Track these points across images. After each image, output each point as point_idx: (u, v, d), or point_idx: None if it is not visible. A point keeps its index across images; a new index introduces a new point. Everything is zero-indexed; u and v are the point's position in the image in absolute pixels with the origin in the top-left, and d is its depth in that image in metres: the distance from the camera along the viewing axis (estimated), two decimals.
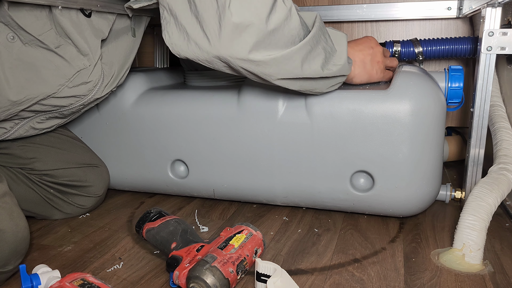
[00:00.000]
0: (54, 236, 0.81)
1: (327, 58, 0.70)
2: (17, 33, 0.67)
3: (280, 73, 0.67)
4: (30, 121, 0.78)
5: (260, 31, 0.61)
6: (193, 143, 0.89)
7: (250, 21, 0.60)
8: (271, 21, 0.61)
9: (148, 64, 1.46)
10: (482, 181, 0.75)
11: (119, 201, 0.99)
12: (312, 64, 0.68)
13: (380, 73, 0.82)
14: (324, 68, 0.70)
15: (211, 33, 0.62)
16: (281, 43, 0.64)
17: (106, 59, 0.79)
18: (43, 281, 0.61)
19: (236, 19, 0.59)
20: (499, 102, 0.89)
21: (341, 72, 0.73)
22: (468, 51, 1.07)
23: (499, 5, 0.77)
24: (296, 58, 0.65)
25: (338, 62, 0.72)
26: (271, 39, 0.62)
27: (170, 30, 0.65)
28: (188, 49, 0.65)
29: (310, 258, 0.71)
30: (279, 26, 0.62)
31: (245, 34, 0.61)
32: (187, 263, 0.61)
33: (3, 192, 0.65)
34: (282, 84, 0.70)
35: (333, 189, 0.82)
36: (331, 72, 0.71)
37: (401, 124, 0.74)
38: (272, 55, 0.64)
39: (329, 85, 0.75)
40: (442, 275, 0.65)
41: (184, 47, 0.65)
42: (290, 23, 0.63)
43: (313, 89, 0.74)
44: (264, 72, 0.66)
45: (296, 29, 0.64)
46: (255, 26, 0.60)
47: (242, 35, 0.61)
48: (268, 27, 0.61)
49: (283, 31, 0.63)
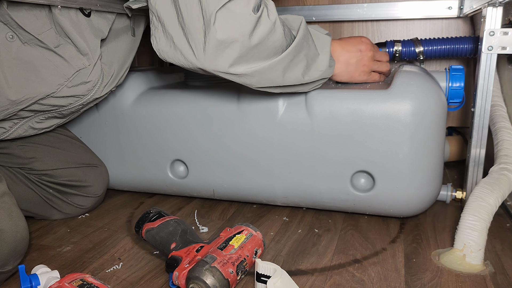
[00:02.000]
0: (53, 236, 0.81)
1: (309, 64, 0.72)
2: (16, 32, 0.67)
3: (262, 82, 0.69)
4: (29, 121, 0.78)
5: (243, 47, 0.63)
6: (192, 143, 0.89)
7: (234, 38, 0.62)
8: (254, 36, 0.63)
9: (148, 64, 1.46)
10: (483, 181, 0.75)
11: (118, 201, 0.99)
12: (293, 71, 0.70)
13: (364, 75, 0.82)
14: (305, 75, 0.72)
15: (196, 46, 0.63)
16: (264, 55, 0.65)
17: (106, 58, 0.79)
18: (42, 281, 0.61)
19: (221, 36, 0.61)
20: (500, 102, 0.89)
21: (322, 76, 0.75)
22: (469, 50, 1.07)
23: (500, 4, 0.77)
24: (278, 68, 0.68)
25: (320, 67, 0.74)
26: (253, 53, 0.64)
27: (157, 36, 0.68)
28: (174, 57, 0.67)
29: (310, 259, 0.71)
30: (262, 40, 0.64)
31: (228, 50, 0.63)
32: (186, 263, 0.61)
33: (2, 192, 0.64)
34: (263, 90, 0.72)
35: (333, 189, 0.82)
36: (312, 78, 0.73)
37: (401, 124, 0.74)
38: (254, 68, 0.66)
39: (311, 87, 0.77)
40: (443, 275, 0.65)
41: (171, 54, 0.67)
42: (274, 36, 0.65)
43: (295, 91, 0.77)
44: (245, 82, 0.68)
45: (280, 40, 0.66)
46: (238, 42, 0.62)
47: (225, 51, 0.63)
48: (251, 42, 0.63)
49: (266, 44, 0.65)
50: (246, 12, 0.61)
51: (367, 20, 1.23)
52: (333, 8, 1.22)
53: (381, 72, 0.85)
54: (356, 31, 1.25)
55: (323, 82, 0.78)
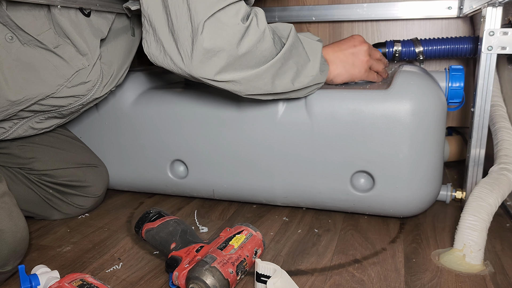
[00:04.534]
0: (53, 237, 0.81)
1: (298, 71, 0.72)
2: (15, 33, 0.67)
3: (250, 90, 0.69)
4: (29, 121, 0.78)
5: (230, 56, 0.63)
6: (192, 143, 0.89)
7: (221, 47, 0.62)
8: (242, 46, 0.63)
9: (148, 64, 1.46)
10: (482, 181, 0.75)
11: (118, 201, 0.99)
12: (283, 79, 0.70)
13: (364, 72, 0.82)
14: (295, 81, 0.72)
15: (184, 53, 0.64)
16: (252, 63, 0.66)
17: (105, 58, 0.79)
18: (42, 281, 0.61)
19: (207, 45, 0.62)
20: (499, 102, 0.89)
21: (313, 82, 0.75)
22: (469, 50, 1.07)
23: (499, 4, 0.77)
24: (266, 76, 0.68)
25: (311, 73, 0.74)
26: (241, 61, 0.65)
27: (148, 40, 0.68)
28: (164, 62, 0.68)
29: (310, 259, 0.71)
30: (250, 49, 0.64)
31: (215, 59, 0.63)
32: (186, 263, 0.61)
33: (2, 192, 0.64)
34: (254, 97, 0.73)
35: (333, 189, 0.82)
36: (303, 84, 0.73)
37: (401, 124, 0.74)
38: (241, 75, 0.66)
39: (305, 93, 0.77)
40: (443, 275, 0.65)
41: (161, 59, 0.68)
42: (263, 45, 0.65)
43: (288, 97, 0.77)
44: (233, 89, 0.69)
45: (269, 49, 0.66)
46: (225, 52, 0.63)
47: (212, 59, 0.63)
48: (239, 52, 0.63)
49: (254, 53, 0.65)
50: (235, 22, 0.62)
51: (367, 20, 1.23)
52: (333, 8, 1.22)
53: (377, 72, 0.85)
54: (356, 31, 1.25)
55: (317, 87, 0.78)
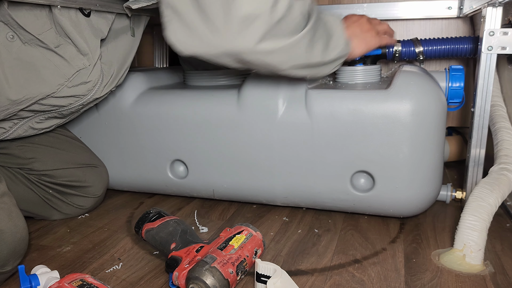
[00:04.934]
0: (53, 237, 0.81)
1: (328, 41, 0.72)
2: (16, 32, 0.67)
3: (287, 61, 0.68)
4: (29, 121, 0.78)
5: (267, 22, 0.62)
6: (192, 143, 0.89)
7: (258, 13, 0.60)
8: (276, 11, 0.62)
9: (148, 64, 1.46)
10: (482, 181, 0.75)
11: (118, 202, 0.99)
12: (315, 49, 0.69)
13: (375, 37, 0.82)
14: (325, 52, 0.71)
15: (218, 28, 0.62)
16: (287, 32, 0.65)
17: (106, 58, 0.79)
18: (42, 281, 0.61)
19: (244, 11, 0.60)
20: (499, 102, 0.89)
21: (341, 53, 0.74)
22: (469, 50, 1.07)
23: (499, 4, 0.77)
24: (301, 46, 0.67)
25: (338, 43, 0.74)
26: (277, 29, 0.63)
27: (173, 28, 0.65)
28: (193, 45, 0.65)
29: (310, 259, 0.71)
30: (283, 15, 0.63)
31: (253, 26, 0.61)
32: (186, 263, 0.61)
33: (2, 192, 0.64)
34: (289, 74, 0.71)
35: (333, 189, 0.82)
36: (332, 56, 0.73)
37: (401, 124, 0.74)
38: (279, 44, 0.65)
39: (332, 67, 0.76)
40: (443, 275, 0.65)
41: (189, 43, 0.65)
42: (293, 12, 0.64)
43: (317, 73, 0.75)
44: (272, 62, 0.67)
45: (299, 17, 0.65)
46: (262, 17, 0.61)
47: (250, 27, 0.61)
48: (274, 18, 0.62)
49: (287, 20, 0.64)
50: None
51: None
52: (333, 8, 1.22)
53: (385, 33, 0.86)
54: None
55: (342, 61, 0.77)
